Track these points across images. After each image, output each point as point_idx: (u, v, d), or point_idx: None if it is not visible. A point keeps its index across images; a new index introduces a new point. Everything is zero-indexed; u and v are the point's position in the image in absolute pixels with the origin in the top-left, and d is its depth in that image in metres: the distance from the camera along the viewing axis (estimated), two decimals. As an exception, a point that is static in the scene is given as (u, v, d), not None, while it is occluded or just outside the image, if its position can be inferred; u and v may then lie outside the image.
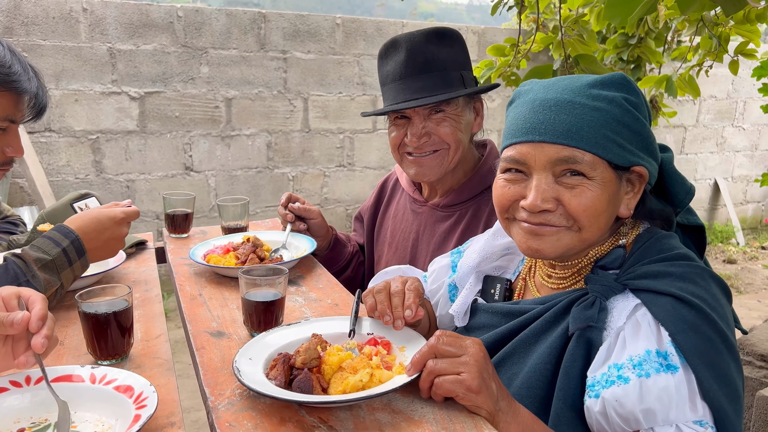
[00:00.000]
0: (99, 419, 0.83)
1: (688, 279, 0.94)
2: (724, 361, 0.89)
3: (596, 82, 0.98)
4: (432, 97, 1.48)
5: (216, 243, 1.53)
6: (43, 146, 3.84)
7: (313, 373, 0.88)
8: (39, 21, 3.74)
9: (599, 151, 0.94)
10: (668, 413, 0.85)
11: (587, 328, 0.95)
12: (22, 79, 1.31)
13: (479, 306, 1.16)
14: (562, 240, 0.97)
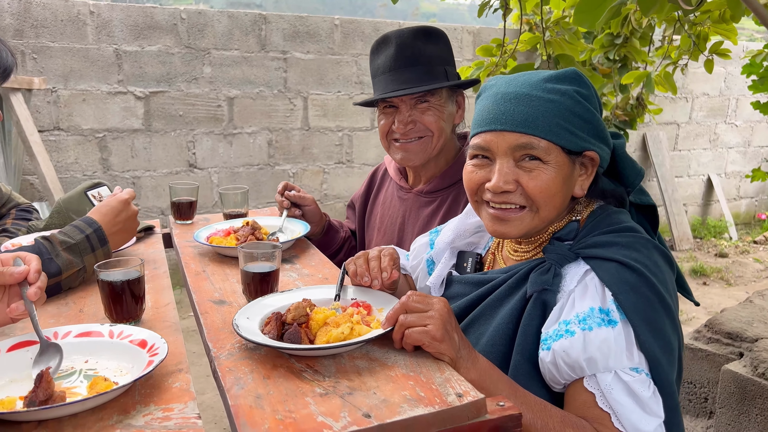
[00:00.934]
0: (118, 366, 0.97)
1: (632, 247, 1.07)
2: (660, 319, 1.03)
3: (551, 77, 1.11)
4: (418, 87, 1.63)
5: (218, 227, 1.67)
6: (53, 144, 3.99)
7: (302, 327, 1.01)
8: (48, 23, 3.89)
9: (553, 138, 1.07)
10: (607, 361, 0.99)
11: (543, 291, 1.09)
12: None
13: (453, 278, 1.30)
14: (524, 222, 1.11)
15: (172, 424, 0.81)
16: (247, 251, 1.22)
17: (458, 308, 1.22)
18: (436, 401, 0.86)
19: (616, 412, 0.98)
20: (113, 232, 1.43)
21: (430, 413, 0.83)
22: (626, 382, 0.98)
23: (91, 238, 1.37)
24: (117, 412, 0.84)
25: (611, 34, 3.98)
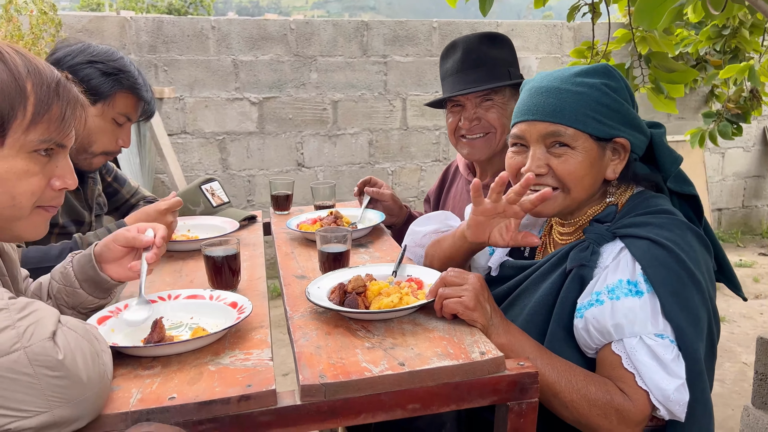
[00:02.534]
0: (215, 322, 1.22)
1: (665, 227, 1.17)
2: (687, 292, 1.11)
3: (581, 71, 1.23)
4: (481, 86, 1.78)
5: (308, 216, 1.92)
6: (180, 146, 4.50)
7: (360, 296, 1.21)
8: (176, 39, 4.40)
9: (579, 126, 1.19)
10: (633, 327, 1.10)
11: (581, 267, 1.21)
12: (143, 90, 1.77)
13: (506, 263, 1.44)
14: (557, 201, 1.24)
15: (250, 363, 1.03)
16: (322, 234, 1.44)
17: (507, 287, 1.36)
18: (461, 356, 1.02)
19: (640, 372, 1.09)
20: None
21: (454, 365, 1.00)
22: (650, 345, 1.09)
23: None
24: (210, 354, 1.08)
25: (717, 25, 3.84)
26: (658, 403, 1.08)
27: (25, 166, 0.96)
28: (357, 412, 0.97)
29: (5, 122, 0.92)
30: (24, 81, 0.94)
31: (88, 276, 1.22)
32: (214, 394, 0.93)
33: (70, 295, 1.21)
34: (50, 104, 0.96)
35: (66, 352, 0.83)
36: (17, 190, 0.96)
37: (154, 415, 0.89)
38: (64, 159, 1.03)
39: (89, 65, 1.69)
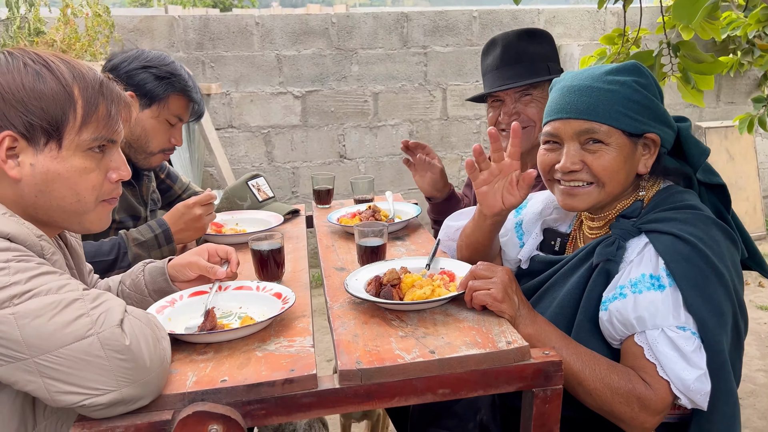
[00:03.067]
0: (261, 311, 1.31)
1: (689, 223, 1.20)
2: (711, 286, 1.15)
3: (612, 70, 1.27)
4: (520, 82, 1.83)
5: (348, 210, 2.00)
6: (227, 140, 4.66)
7: (395, 288, 1.29)
8: (222, 36, 4.54)
9: (612, 123, 1.23)
10: (655, 320, 1.14)
11: (607, 262, 1.25)
12: (193, 92, 1.88)
13: (536, 257, 1.49)
14: (592, 196, 1.28)
15: (293, 350, 1.13)
16: (360, 228, 1.52)
17: (537, 281, 1.42)
18: (489, 345, 1.09)
19: (661, 362, 1.13)
20: (178, 230, 1.74)
21: (482, 353, 1.07)
22: (671, 337, 1.13)
23: (159, 237, 1.72)
24: (258, 341, 1.18)
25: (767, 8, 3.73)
26: (679, 392, 1.13)
27: (82, 163, 1.07)
28: (391, 396, 1.05)
29: (60, 126, 1.03)
30: (71, 87, 1.04)
31: (158, 287, 1.34)
32: (260, 377, 1.02)
33: (139, 302, 1.34)
34: (97, 104, 1.07)
35: (132, 338, 0.93)
36: (80, 187, 1.08)
37: (207, 395, 1.00)
38: (116, 152, 1.14)
39: (144, 70, 1.81)
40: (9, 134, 1.00)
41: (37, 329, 0.89)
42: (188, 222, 1.74)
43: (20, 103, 1.00)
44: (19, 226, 0.99)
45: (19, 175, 1.03)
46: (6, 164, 1.02)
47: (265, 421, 1.02)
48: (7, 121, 1.00)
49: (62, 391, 0.91)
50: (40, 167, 1.04)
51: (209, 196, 1.76)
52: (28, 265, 0.94)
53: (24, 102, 1.00)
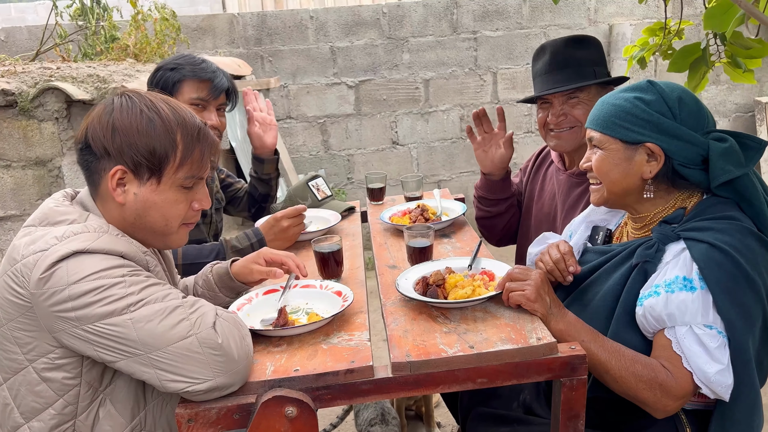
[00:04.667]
0: (324, 308, 1.52)
1: (725, 232, 1.32)
2: (741, 291, 1.27)
3: (627, 87, 1.44)
4: (565, 86, 1.96)
5: (398, 208, 2.18)
6: (286, 131, 4.90)
7: (440, 288, 1.46)
8: (279, 31, 4.75)
9: (606, 131, 1.43)
10: (684, 317, 1.28)
11: (646, 262, 1.39)
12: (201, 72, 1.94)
13: (587, 248, 1.64)
14: (598, 192, 1.49)
15: (352, 343, 1.32)
16: (409, 231, 1.70)
17: (587, 269, 1.56)
18: (521, 341, 1.25)
19: (686, 355, 1.27)
20: (270, 240, 1.93)
21: (515, 348, 1.23)
22: (698, 334, 1.27)
23: (254, 246, 1.90)
24: (323, 334, 1.38)
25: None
26: (701, 383, 1.26)
27: (174, 197, 1.28)
28: (436, 384, 1.23)
29: (162, 167, 1.25)
30: (175, 133, 1.25)
31: (225, 285, 1.57)
32: (326, 367, 1.22)
33: (212, 298, 1.56)
34: (193, 149, 1.27)
35: (223, 337, 1.15)
36: (169, 214, 1.29)
37: (283, 383, 1.20)
38: (202, 187, 1.35)
39: (157, 72, 1.97)
40: (120, 168, 1.22)
41: (150, 331, 1.12)
42: (277, 233, 1.94)
43: (134, 146, 1.21)
44: (129, 245, 1.22)
45: (124, 201, 1.25)
46: (115, 191, 1.24)
47: (330, 404, 1.22)
48: (121, 158, 1.22)
49: (170, 380, 1.13)
50: (141, 196, 1.25)
51: (296, 210, 1.93)
52: (138, 278, 1.16)
53: (137, 145, 1.22)
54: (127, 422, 1.27)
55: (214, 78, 2.00)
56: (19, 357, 1.19)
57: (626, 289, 1.41)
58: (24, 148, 3.24)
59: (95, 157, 1.24)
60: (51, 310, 1.12)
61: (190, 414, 1.17)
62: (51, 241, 1.16)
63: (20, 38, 4.46)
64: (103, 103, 1.26)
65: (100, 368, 1.22)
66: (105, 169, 1.23)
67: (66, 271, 1.12)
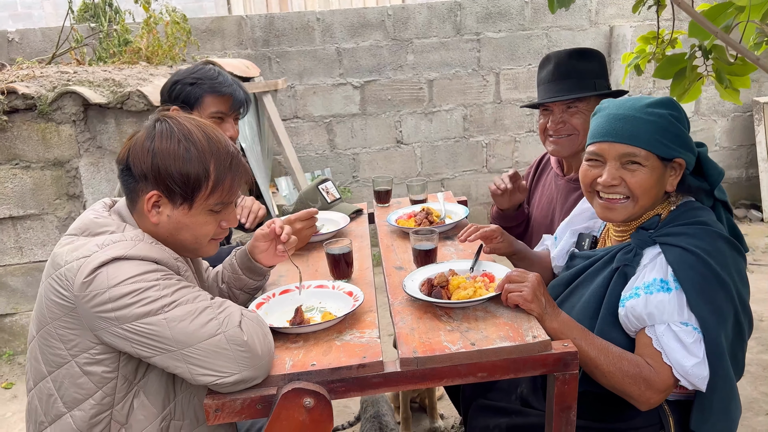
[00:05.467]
0: (337, 306, 1.64)
1: (697, 237, 1.44)
2: (712, 290, 1.39)
3: (651, 103, 1.49)
4: (565, 96, 2.07)
5: (404, 211, 2.30)
6: (293, 130, 5.02)
7: (443, 289, 1.58)
8: (286, 32, 4.85)
9: (651, 148, 1.46)
10: (662, 316, 1.39)
11: (625, 266, 1.51)
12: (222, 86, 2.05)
13: (574, 253, 1.75)
14: (627, 209, 1.52)
15: (364, 340, 1.44)
16: (414, 234, 1.82)
17: (572, 273, 1.68)
18: (518, 339, 1.37)
19: (665, 351, 1.39)
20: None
21: (512, 345, 1.35)
22: (675, 331, 1.39)
23: None
24: (336, 332, 1.50)
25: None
26: (679, 375, 1.38)
27: (204, 219, 1.40)
28: (440, 378, 1.36)
29: (195, 195, 1.36)
30: (208, 163, 1.36)
31: (246, 266, 1.68)
32: (340, 362, 1.34)
33: (237, 280, 1.69)
34: (225, 178, 1.38)
35: (248, 335, 1.27)
36: (199, 234, 1.41)
37: (302, 376, 1.33)
38: (230, 209, 1.46)
39: (176, 84, 2.06)
40: (156, 193, 1.34)
41: (182, 330, 1.24)
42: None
43: (170, 175, 1.33)
44: (162, 251, 1.34)
45: (158, 221, 1.37)
46: (150, 213, 1.36)
47: (345, 396, 1.35)
48: (157, 184, 1.34)
49: (200, 374, 1.25)
50: (174, 218, 1.37)
51: (309, 213, 2.00)
52: (171, 281, 1.29)
53: (173, 174, 1.33)
54: (158, 412, 1.39)
55: (233, 93, 2.11)
56: (62, 352, 1.31)
57: (609, 291, 1.53)
58: (43, 150, 3.37)
59: (134, 179, 1.35)
60: (93, 311, 1.25)
61: (218, 404, 1.29)
62: (92, 248, 1.28)
63: (34, 39, 4.57)
64: (145, 128, 1.37)
65: (135, 363, 1.35)
66: (143, 190, 1.35)
67: (106, 275, 1.24)
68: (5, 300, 3.54)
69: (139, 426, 1.36)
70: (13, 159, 3.34)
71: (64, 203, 3.45)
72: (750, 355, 3.17)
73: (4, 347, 3.62)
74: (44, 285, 1.34)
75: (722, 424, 1.43)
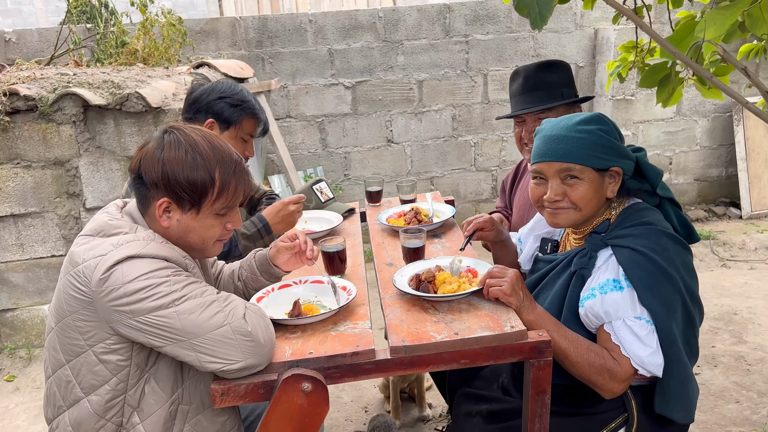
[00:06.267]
0: (332, 300, 1.76)
1: (643, 237, 1.57)
2: (659, 285, 1.52)
3: (580, 120, 1.63)
4: (534, 108, 2.20)
5: (394, 210, 2.43)
6: (286, 129, 5.13)
7: (430, 284, 1.71)
8: (279, 34, 4.96)
9: (584, 162, 1.60)
10: (617, 313, 1.53)
11: (582, 269, 1.64)
12: (260, 113, 2.26)
13: (538, 257, 1.89)
14: (570, 217, 1.66)
15: (357, 330, 1.57)
16: (404, 233, 1.95)
17: (536, 277, 1.82)
18: (497, 329, 1.50)
19: (623, 344, 1.53)
20: (275, 223, 2.19)
21: (492, 335, 1.49)
22: (629, 325, 1.52)
23: (261, 230, 2.17)
24: (331, 323, 1.63)
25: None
26: (637, 365, 1.52)
27: (211, 223, 1.51)
28: (426, 364, 1.49)
29: (202, 201, 1.47)
30: (214, 171, 1.47)
31: (265, 270, 1.80)
32: (336, 351, 1.47)
33: (255, 281, 1.81)
34: (229, 184, 1.50)
35: (252, 326, 1.40)
36: (206, 236, 1.53)
37: (300, 363, 1.45)
38: (234, 211, 1.58)
39: (220, 100, 2.21)
40: (166, 200, 1.46)
41: (192, 321, 1.36)
42: (284, 216, 2.20)
43: (179, 183, 1.44)
44: (172, 250, 1.46)
45: (168, 225, 1.49)
46: (161, 218, 1.48)
47: (339, 381, 1.47)
48: (167, 191, 1.45)
49: (208, 361, 1.38)
50: (183, 222, 1.49)
51: (298, 197, 2.22)
52: (180, 278, 1.41)
53: (181, 183, 1.44)
54: (167, 397, 1.51)
55: (265, 120, 2.30)
56: (80, 342, 1.43)
57: (569, 293, 1.67)
58: (43, 150, 3.47)
59: (146, 187, 1.47)
60: (109, 305, 1.36)
61: (223, 389, 1.42)
62: (108, 248, 1.40)
63: (31, 40, 4.65)
64: (155, 139, 1.49)
65: (147, 352, 1.47)
66: (154, 197, 1.47)
67: (121, 272, 1.36)
68: (7, 295, 3.64)
69: (150, 409, 1.48)
70: (14, 158, 3.44)
71: (64, 201, 3.55)
72: (723, 346, 3.34)
73: (5, 341, 3.72)
74: (62, 281, 1.45)
75: (681, 404, 1.58)
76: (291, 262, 1.81)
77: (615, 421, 1.63)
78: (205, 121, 2.16)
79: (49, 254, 3.62)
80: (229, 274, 1.86)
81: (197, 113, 2.19)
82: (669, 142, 5.56)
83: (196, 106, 2.22)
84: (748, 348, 3.31)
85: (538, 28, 1.34)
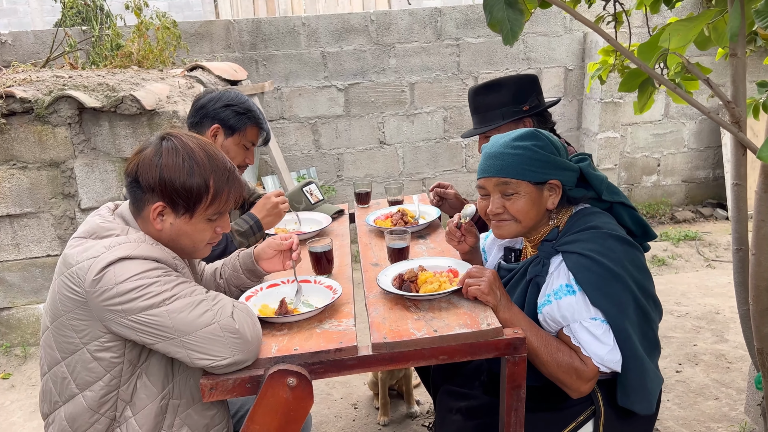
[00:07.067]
0: (318, 299, 1.83)
1: (590, 241, 1.64)
2: (609, 285, 1.59)
3: (515, 137, 1.70)
4: (476, 131, 2.34)
5: (382, 212, 2.49)
6: (279, 130, 5.19)
7: (413, 283, 1.78)
8: (273, 36, 5.02)
9: (520, 177, 1.67)
10: (573, 316, 1.61)
11: (537, 276, 1.72)
12: (263, 123, 2.36)
13: (501, 265, 1.96)
14: (512, 228, 1.74)
15: (341, 328, 1.64)
16: (389, 234, 2.02)
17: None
18: (475, 326, 1.57)
19: (583, 345, 1.61)
20: (263, 217, 2.28)
21: (469, 332, 1.56)
22: (586, 327, 1.60)
23: (253, 227, 2.26)
24: (316, 321, 1.69)
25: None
26: (597, 363, 1.60)
27: (203, 227, 1.58)
28: (407, 360, 1.56)
29: (195, 206, 1.53)
30: (209, 178, 1.53)
31: (248, 268, 1.87)
32: (320, 347, 1.54)
33: (236, 279, 1.87)
34: (222, 192, 1.56)
35: (239, 324, 1.46)
36: (197, 240, 1.59)
37: (286, 359, 1.52)
38: (225, 217, 1.64)
39: (227, 108, 2.29)
40: (161, 204, 1.52)
41: (182, 320, 1.43)
42: (269, 209, 2.29)
43: (175, 189, 1.51)
44: (162, 251, 1.52)
45: (162, 228, 1.55)
46: (155, 221, 1.54)
47: (323, 376, 1.54)
48: (162, 196, 1.51)
49: (198, 358, 1.44)
50: (176, 226, 1.55)
51: (278, 191, 2.33)
52: (170, 278, 1.47)
53: (177, 189, 1.51)
54: (158, 391, 1.58)
55: (268, 130, 2.39)
56: (75, 341, 1.50)
57: (527, 301, 1.74)
58: (39, 151, 3.52)
59: (142, 191, 1.53)
60: (102, 304, 1.43)
61: (212, 384, 1.48)
62: (100, 249, 1.46)
63: (27, 42, 4.70)
64: (153, 145, 1.55)
65: (139, 349, 1.53)
66: (149, 201, 1.53)
67: (114, 273, 1.42)
68: (2, 294, 3.70)
69: (142, 404, 1.55)
70: (10, 160, 3.49)
71: (59, 202, 3.61)
72: (704, 344, 3.42)
73: (1, 339, 3.78)
74: (57, 282, 1.51)
75: (641, 396, 1.65)
76: (273, 262, 1.88)
77: (583, 413, 1.71)
78: (211, 127, 2.25)
79: (44, 254, 3.68)
80: (212, 272, 1.93)
81: (203, 119, 2.27)
82: (657, 144, 5.64)
83: (203, 112, 2.29)
84: (729, 346, 3.39)
85: (509, 44, 1.41)
